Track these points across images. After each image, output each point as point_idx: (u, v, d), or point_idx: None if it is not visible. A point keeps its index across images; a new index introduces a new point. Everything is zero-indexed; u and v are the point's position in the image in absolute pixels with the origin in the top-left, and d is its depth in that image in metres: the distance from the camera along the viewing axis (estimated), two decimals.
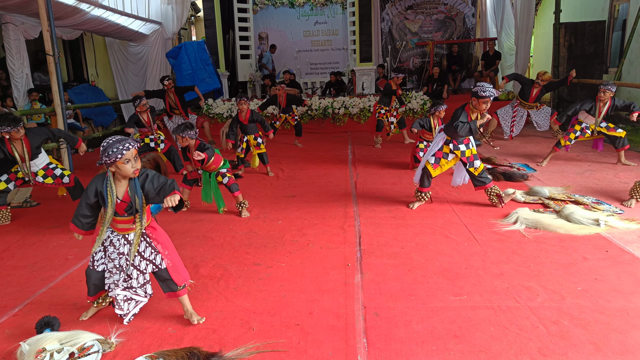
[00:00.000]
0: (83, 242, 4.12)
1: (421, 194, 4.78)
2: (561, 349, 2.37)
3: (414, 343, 2.46)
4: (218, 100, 10.57)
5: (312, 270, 3.37)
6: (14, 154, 4.49)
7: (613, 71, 9.96)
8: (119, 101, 10.70)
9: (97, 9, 8.16)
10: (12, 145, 4.48)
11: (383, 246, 3.77)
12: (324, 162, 7.09)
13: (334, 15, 13.52)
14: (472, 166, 4.58)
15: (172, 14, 11.06)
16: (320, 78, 13.45)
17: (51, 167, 4.80)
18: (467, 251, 3.63)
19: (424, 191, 4.77)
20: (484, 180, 4.60)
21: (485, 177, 4.61)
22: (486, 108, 4.36)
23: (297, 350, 2.43)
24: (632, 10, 9.50)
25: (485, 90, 4.23)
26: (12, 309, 2.99)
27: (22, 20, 7.64)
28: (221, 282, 3.25)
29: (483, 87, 4.24)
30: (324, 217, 4.55)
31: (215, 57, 11.18)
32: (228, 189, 4.71)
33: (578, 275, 3.17)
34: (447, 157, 4.65)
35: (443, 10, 13.65)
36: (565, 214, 4.22)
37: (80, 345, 2.46)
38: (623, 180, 5.44)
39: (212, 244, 3.97)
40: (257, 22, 13.32)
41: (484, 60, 12.05)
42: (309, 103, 10.00)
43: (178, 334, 2.63)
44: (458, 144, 4.57)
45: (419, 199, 4.80)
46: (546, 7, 13.62)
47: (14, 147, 4.49)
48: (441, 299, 2.90)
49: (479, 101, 4.30)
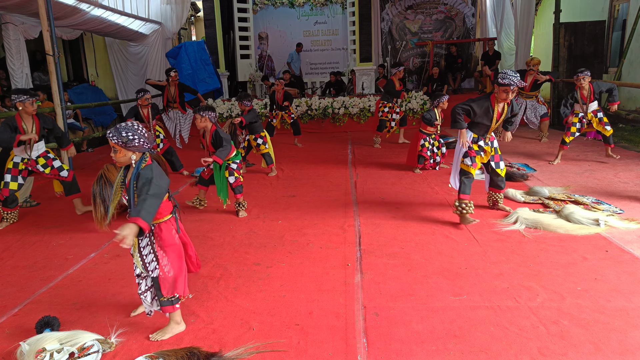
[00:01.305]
0: (83, 242, 4.13)
1: (463, 204, 4.17)
2: (561, 349, 2.37)
3: (414, 343, 2.46)
4: (218, 100, 10.57)
5: (312, 270, 3.37)
6: (23, 130, 4.47)
7: (613, 71, 9.97)
8: (119, 101, 10.70)
9: (97, 9, 8.16)
10: (23, 122, 4.46)
11: (383, 246, 3.77)
12: (324, 162, 7.09)
13: (334, 15, 13.53)
14: (499, 167, 4.37)
15: (172, 14, 11.06)
16: (320, 78, 13.45)
17: (51, 157, 4.78)
18: (467, 251, 3.63)
19: (466, 199, 4.18)
20: (501, 184, 4.45)
21: (504, 181, 4.47)
22: (507, 98, 3.97)
23: (297, 350, 2.43)
24: (632, 10, 9.51)
25: (505, 77, 3.88)
26: (12, 309, 2.99)
27: (22, 20, 7.63)
28: (221, 282, 3.25)
29: (503, 74, 3.91)
30: (324, 217, 4.55)
31: (215, 57, 11.18)
32: (232, 190, 4.69)
33: (578, 275, 3.17)
34: (480, 153, 4.26)
35: (443, 10, 13.65)
36: (565, 214, 4.22)
37: (80, 345, 2.46)
38: (623, 180, 5.44)
39: (212, 244, 3.97)
40: (257, 22, 13.32)
41: (483, 60, 12.05)
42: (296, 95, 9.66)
43: (178, 334, 2.63)
44: (487, 140, 4.26)
45: (461, 210, 4.18)
46: (546, 7, 13.62)
47: (25, 124, 4.48)
48: (441, 299, 2.90)
49: (499, 89, 3.96)
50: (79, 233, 4.34)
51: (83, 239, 4.23)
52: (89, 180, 3.07)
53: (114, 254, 3.82)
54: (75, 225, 4.57)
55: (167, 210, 2.57)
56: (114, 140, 2.41)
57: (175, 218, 2.62)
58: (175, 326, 2.63)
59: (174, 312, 2.60)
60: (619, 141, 7.70)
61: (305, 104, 10.25)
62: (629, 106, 9.59)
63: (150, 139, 2.49)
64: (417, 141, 6.27)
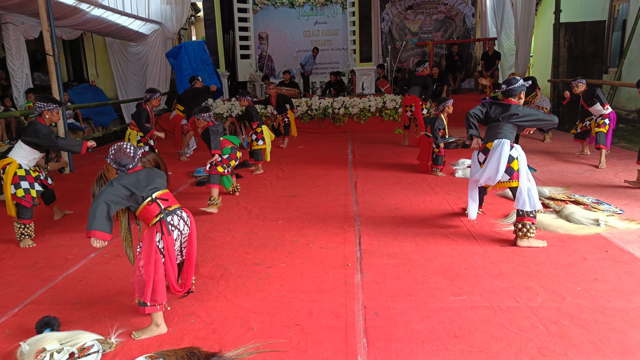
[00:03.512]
0: (83, 242, 4.13)
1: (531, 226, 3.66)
2: (561, 349, 2.37)
3: (414, 343, 2.46)
4: (218, 100, 10.57)
5: (312, 270, 3.37)
6: None
7: (613, 71, 9.96)
8: (119, 101, 10.70)
9: (97, 9, 8.16)
10: None
11: (383, 246, 3.77)
12: (324, 162, 7.09)
13: (334, 15, 13.53)
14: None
15: (172, 14, 11.07)
16: (320, 78, 13.45)
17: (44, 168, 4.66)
18: (467, 251, 3.63)
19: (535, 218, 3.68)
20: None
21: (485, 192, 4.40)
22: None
23: (297, 350, 2.43)
24: (632, 10, 9.50)
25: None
26: (12, 309, 2.99)
27: (22, 20, 7.63)
28: (221, 282, 3.25)
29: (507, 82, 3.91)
30: (324, 217, 4.55)
31: (215, 57, 11.17)
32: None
33: (578, 275, 3.17)
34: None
35: (443, 10, 13.65)
36: (565, 214, 4.22)
37: (80, 345, 2.46)
38: (623, 180, 5.43)
39: (212, 244, 3.97)
40: (257, 22, 13.31)
41: (483, 60, 12.06)
42: (294, 111, 9.21)
43: (178, 334, 2.63)
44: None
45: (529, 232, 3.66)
46: (546, 7, 13.61)
47: None
48: (441, 299, 2.90)
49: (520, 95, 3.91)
50: (79, 233, 4.34)
51: (83, 239, 4.21)
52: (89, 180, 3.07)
53: (114, 254, 3.82)
54: (75, 225, 4.57)
55: (151, 216, 2.58)
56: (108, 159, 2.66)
57: (162, 222, 2.59)
58: (154, 328, 2.61)
59: (154, 314, 2.59)
60: (619, 141, 7.71)
61: (305, 104, 10.25)
62: (629, 106, 9.58)
63: (137, 151, 2.69)
64: (427, 146, 6.07)
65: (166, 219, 2.59)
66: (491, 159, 3.76)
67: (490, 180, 3.79)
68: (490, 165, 3.76)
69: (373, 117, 10.21)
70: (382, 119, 10.19)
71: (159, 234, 2.57)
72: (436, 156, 6.02)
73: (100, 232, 2.45)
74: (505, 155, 3.69)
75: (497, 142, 3.78)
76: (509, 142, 3.76)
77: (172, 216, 2.64)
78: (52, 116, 4.26)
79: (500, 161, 3.69)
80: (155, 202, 2.61)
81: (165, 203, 2.65)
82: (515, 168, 3.69)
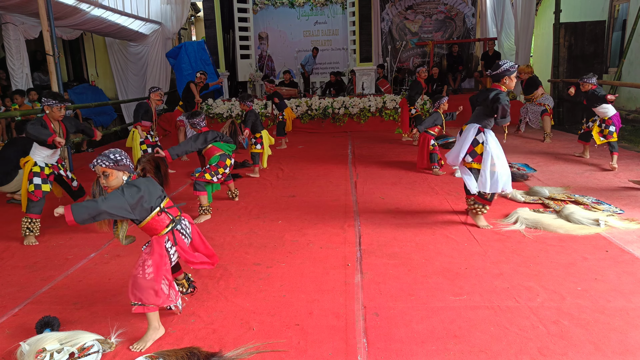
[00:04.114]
0: (83, 242, 4.13)
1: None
2: (561, 349, 2.37)
3: (414, 343, 2.46)
4: (218, 100, 10.56)
5: (312, 270, 3.37)
6: (54, 132, 4.35)
7: (613, 71, 9.96)
8: (119, 101, 10.71)
9: (97, 9, 8.16)
10: (52, 125, 4.36)
11: (383, 246, 3.77)
12: (324, 162, 7.09)
13: (334, 15, 13.53)
14: None
15: (172, 14, 11.07)
16: (320, 78, 13.45)
17: (64, 165, 4.73)
18: (467, 251, 3.63)
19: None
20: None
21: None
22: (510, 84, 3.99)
23: (297, 350, 2.43)
24: (632, 10, 9.50)
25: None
26: (12, 309, 2.99)
27: (22, 20, 7.63)
28: (221, 282, 3.25)
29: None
30: (324, 217, 4.55)
31: (215, 57, 11.18)
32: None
33: (578, 275, 3.17)
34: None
35: (443, 10, 13.65)
36: (565, 214, 4.22)
37: (80, 345, 2.46)
38: (623, 180, 5.44)
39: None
40: (257, 22, 13.32)
41: (483, 60, 12.05)
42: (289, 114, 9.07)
43: (178, 334, 2.63)
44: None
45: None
46: (546, 7, 13.61)
47: (53, 127, 4.38)
48: (441, 299, 2.90)
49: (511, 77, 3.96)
50: (79, 233, 4.34)
51: (83, 239, 4.22)
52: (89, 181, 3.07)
53: (114, 254, 3.82)
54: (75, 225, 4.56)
55: (161, 226, 2.58)
56: (104, 165, 2.47)
57: (174, 232, 2.61)
58: (153, 332, 2.55)
59: (149, 314, 2.53)
60: (619, 141, 7.69)
61: (306, 104, 10.25)
62: (629, 106, 9.59)
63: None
64: (425, 144, 6.14)
65: (178, 228, 2.63)
66: (458, 140, 4.16)
67: (455, 159, 4.14)
68: (456, 146, 4.16)
69: (373, 117, 10.21)
70: (382, 119, 10.19)
71: (170, 242, 2.59)
72: (430, 154, 6.14)
73: (74, 222, 2.47)
74: (469, 138, 4.01)
75: (469, 126, 4.09)
76: (478, 127, 4.03)
77: (180, 225, 2.67)
78: (52, 112, 4.33)
79: (464, 143, 4.04)
80: (165, 212, 2.59)
81: (175, 212, 2.65)
82: (479, 152, 3.98)
